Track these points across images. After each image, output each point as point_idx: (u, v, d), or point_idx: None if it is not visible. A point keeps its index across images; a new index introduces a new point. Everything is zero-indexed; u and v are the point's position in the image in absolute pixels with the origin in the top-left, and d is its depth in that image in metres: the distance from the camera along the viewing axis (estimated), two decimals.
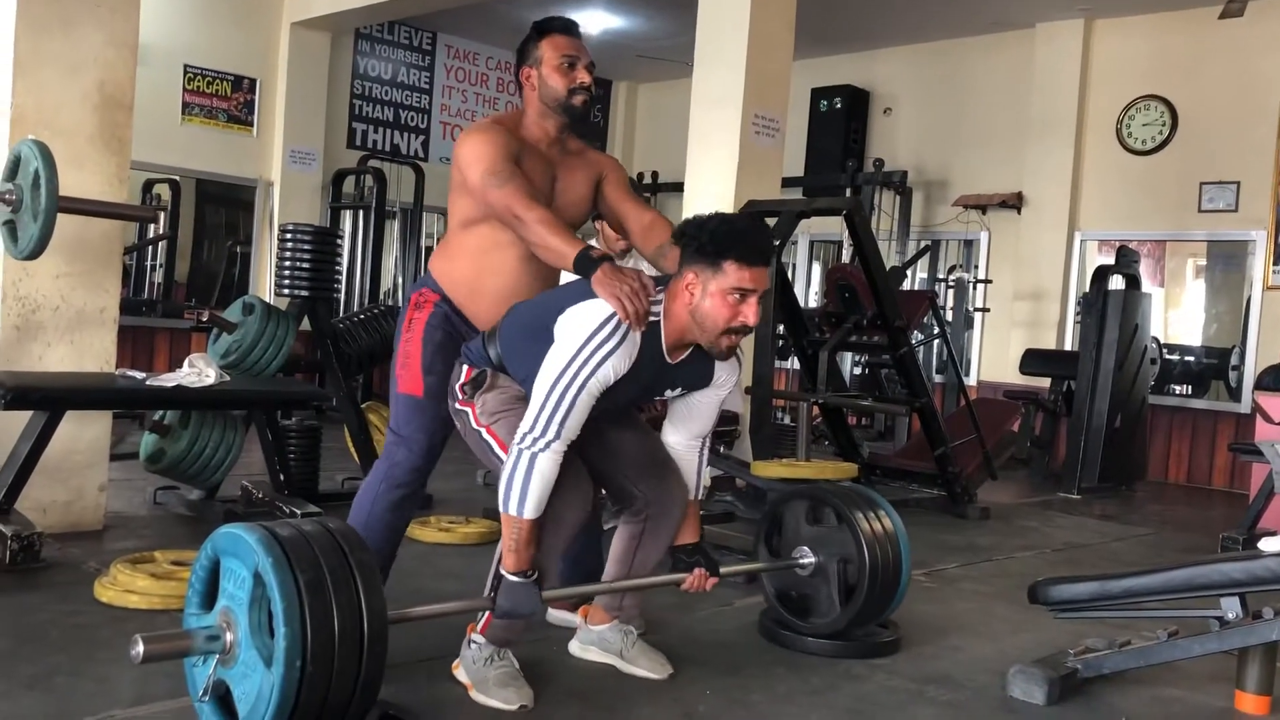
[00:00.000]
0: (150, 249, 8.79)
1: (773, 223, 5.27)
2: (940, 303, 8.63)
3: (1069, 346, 8.47)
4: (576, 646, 3.02)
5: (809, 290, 10.14)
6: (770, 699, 2.80)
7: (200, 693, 2.17)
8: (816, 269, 10.27)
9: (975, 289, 8.99)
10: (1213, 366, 8.30)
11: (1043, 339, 8.58)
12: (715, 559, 2.90)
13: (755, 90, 5.92)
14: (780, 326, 5.94)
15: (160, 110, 8.10)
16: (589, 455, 2.69)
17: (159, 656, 2.10)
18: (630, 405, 2.79)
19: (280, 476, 4.49)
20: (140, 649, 2.03)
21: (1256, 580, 2.76)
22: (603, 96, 11.56)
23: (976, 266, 9.18)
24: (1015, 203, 8.78)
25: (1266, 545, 2.84)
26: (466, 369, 2.74)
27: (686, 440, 2.83)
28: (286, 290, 5.09)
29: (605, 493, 2.96)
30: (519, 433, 2.48)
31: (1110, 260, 7.65)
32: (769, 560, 3.28)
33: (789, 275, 7.39)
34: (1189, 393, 8.34)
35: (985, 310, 8.94)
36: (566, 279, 2.76)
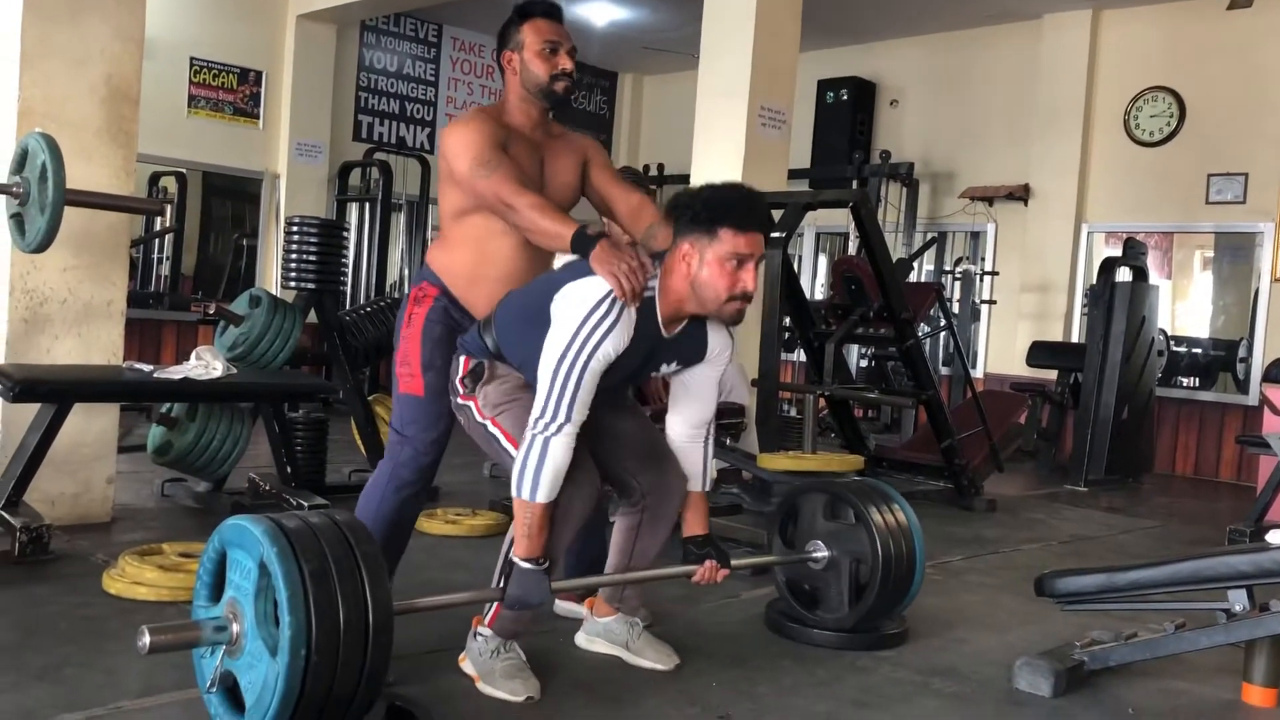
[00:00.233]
0: (157, 242, 8.81)
1: (779, 215, 5.26)
2: (947, 295, 8.61)
3: (1076, 339, 8.46)
4: (582, 638, 3.03)
5: (815, 282, 10.13)
6: (776, 690, 2.81)
7: (208, 684, 2.18)
8: (823, 261, 10.26)
9: (982, 281, 8.98)
10: (1220, 359, 8.27)
11: (1049, 331, 8.56)
12: (726, 551, 2.90)
13: (761, 82, 5.91)
14: (786, 319, 5.93)
15: (166, 103, 8.10)
16: (589, 447, 2.68)
17: (165, 647, 2.11)
18: (628, 382, 2.78)
19: (287, 469, 4.50)
20: (147, 640, 2.04)
21: (1264, 572, 2.76)
22: (608, 88, 11.56)
23: (983, 258, 9.17)
24: (1022, 194, 8.76)
25: (1274, 537, 2.84)
26: (464, 360, 2.73)
27: (690, 429, 2.82)
28: (293, 283, 5.10)
29: (605, 483, 2.96)
30: (532, 418, 2.48)
31: (1117, 252, 7.63)
32: (781, 548, 3.28)
33: (795, 267, 7.38)
34: (1196, 385, 8.32)
35: (992, 302, 8.94)
36: (560, 262, 2.75)
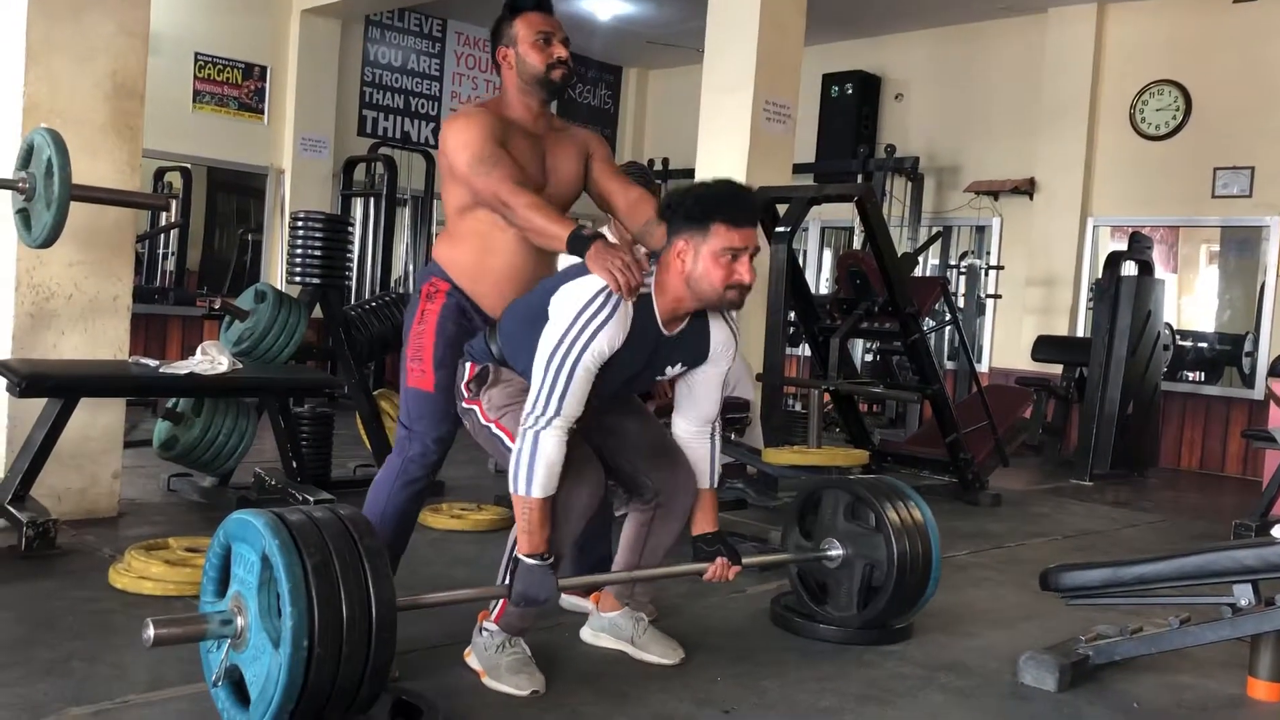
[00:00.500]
0: (162, 237, 8.82)
1: (784, 209, 5.26)
2: (952, 289, 8.61)
3: (1081, 333, 8.44)
4: (588, 633, 3.04)
5: (820, 277, 10.12)
6: (781, 685, 2.81)
7: (214, 678, 2.19)
8: (828, 255, 10.25)
9: (987, 275, 8.97)
10: (1226, 353, 8.26)
11: (1055, 325, 8.55)
12: (736, 548, 2.90)
13: (766, 76, 5.91)
14: (792, 313, 5.93)
15: (171, 98, 8.11)
16: (597, 445, 2.69)
17: (170, 640, 2.12)
18: (633, 385, 2.78)
19: (293, 463, 4.51)
20: (151, 633, 2.05)
21: (1270, 567, 2.75)
22: (613, 83, 11.55)
23: (988, 253, 9.15)
24: (1027, 188, 8.74)
25: (1279, 532, 2.83)
26: (470, 366, 2.74)
27: (696, 427, 2.83)
28: (298, 278, 5.10)
29: (615, 481, 2.96)
30: (524, 413, 2.50)
31: (1123, 246, 7.61)
32: (798, 538, 3.27)
33: (800, 262, 7.38)
34: (1202, 379, 8.30)
35: (997, 297, 8.92)
36: (565, 262, 2.76)
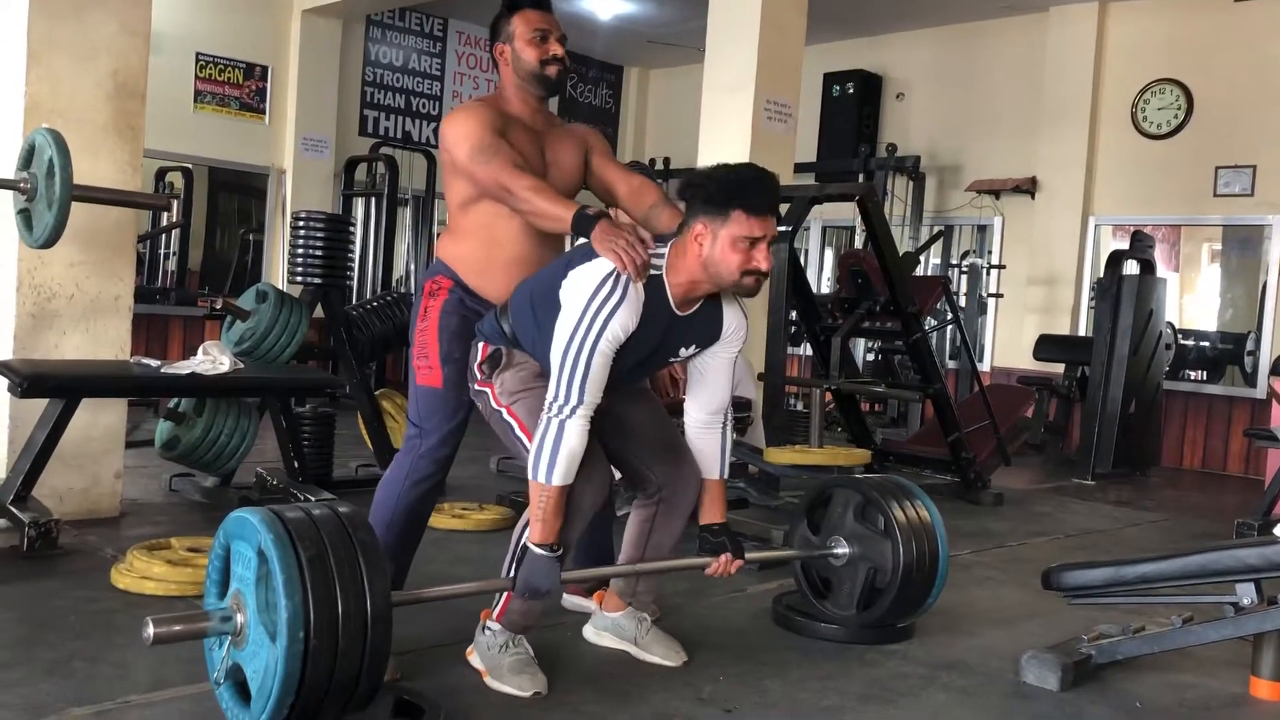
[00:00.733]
0: (164, 237, 8.83)
1: (785, 209, 5.26)
2: (953, 288, 8.61)
3: (1083, 332, 8.44)
4: (591, 632, 3.04)
5: (822, 276, 10.12)
6: (783, 684, 2.81)
7: (215, 676, 2.19)
8: (829, 255, 10.24)
9: (989, 274, 8.96)
10: (1228, 352, 8.25)
11: (1057, 324, 8.55)
12: (740, 542, 2.90)
13: (767, 75, 5.90)
14: (793, 312, 5.93)
15: (173, 98, 8.12)
16: (604, 435, 2.69)
17: (170, 639, 2.12)
18: (647, 367, 2.78)
19: (294, 463, 4.51)
20: (151, 631, 2.06)
21: (1272, 566, 2.75)
22: (614, 82, 11.55)
23: (990, 252, 9.15)
24: (1029, 187, 8.74)
25: None
26: (483, 346, 2.74)
27: (707, 415, 2.82)
28: (300, 277, 5.10)
29: (620, 475, 2.97)
30: (546, 401, 2.50)
31: (1125, 245, 7.61)
32: (805, 533, 3.27)
33: (801, 261, 7.38)
34: (1204, 378, 8.30)
35: (999, 296, 8.92)
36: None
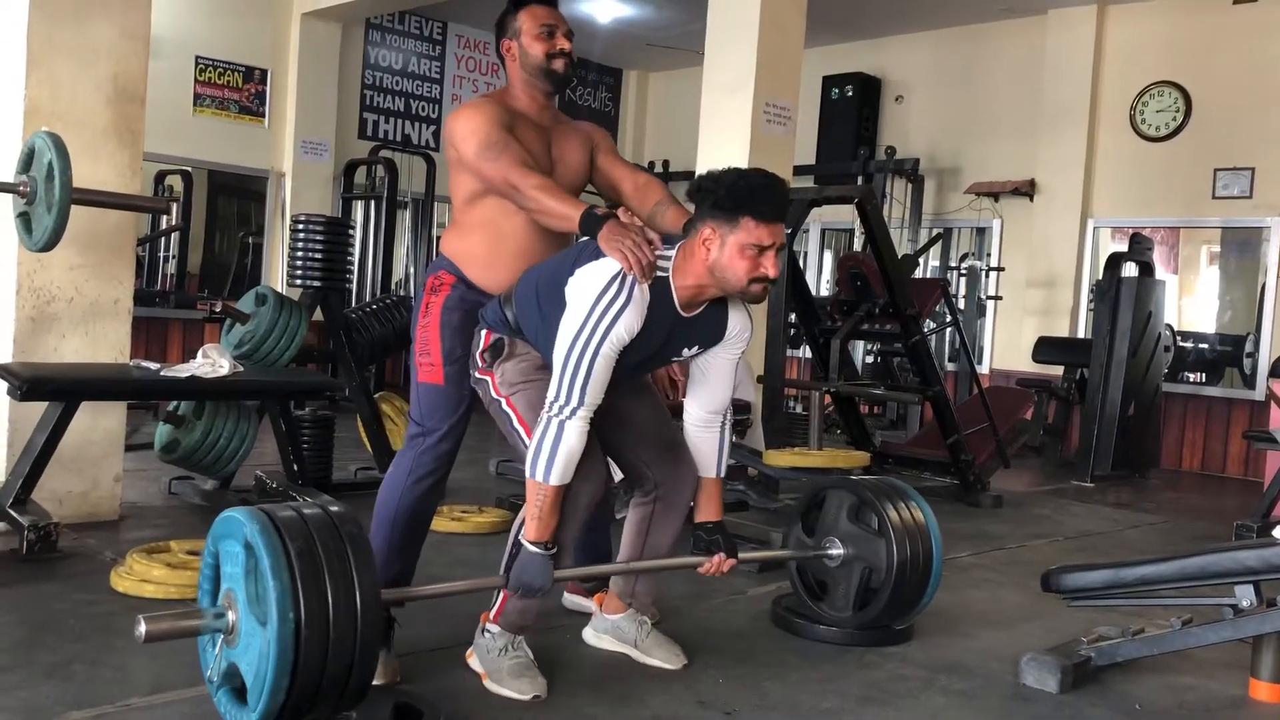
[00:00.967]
0: (163, 240, 8.83)
1: None
2: (952, 291, 8.61)
3: (1082, 334, 8.44)
4: (591, 634, 3.04)
5: (821, 279, 10.12)
6: (783, 687, 2.81)
7: (208, 674, 2.20)
8: (828, 257, 10.25)
9: (988, 277, 8.97)
10: (1227, 354, 8.25)
11: (1056, 327, 8.55)
12: (734, 541, 2.90)
13: (766, 78, 5.90)
14: (793, 315, 5.93)
15: (172, 101, 8.12)
16: (603, 430, 2.69)
17: (161, 636, 2.13)
18: (649, 366, 2.79)
19: (294, 466, 4.50)
20: (143, 629, 2.07)
21: (1271, 568, 2.75)
22: (613, 85, 11.55)
23: (989, 254, 9.15)
24: (1028, 190, 8.74)
25: None
26: (485, 333, 2.74)
27: (707, 414, 2.82)
28: (299, 281, 5.10)
29: (619, 472, 2.97)
30: (547, 401, 2.50)
31: (1124, 247, 7.61)
32: (800, 534, 3.27)
33: (801, 264, 7.38)
34: (1203, 380, 8.30)
35: (998, 298, 8.92)
36: None
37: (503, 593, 2.67)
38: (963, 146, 9.25)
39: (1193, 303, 8.76)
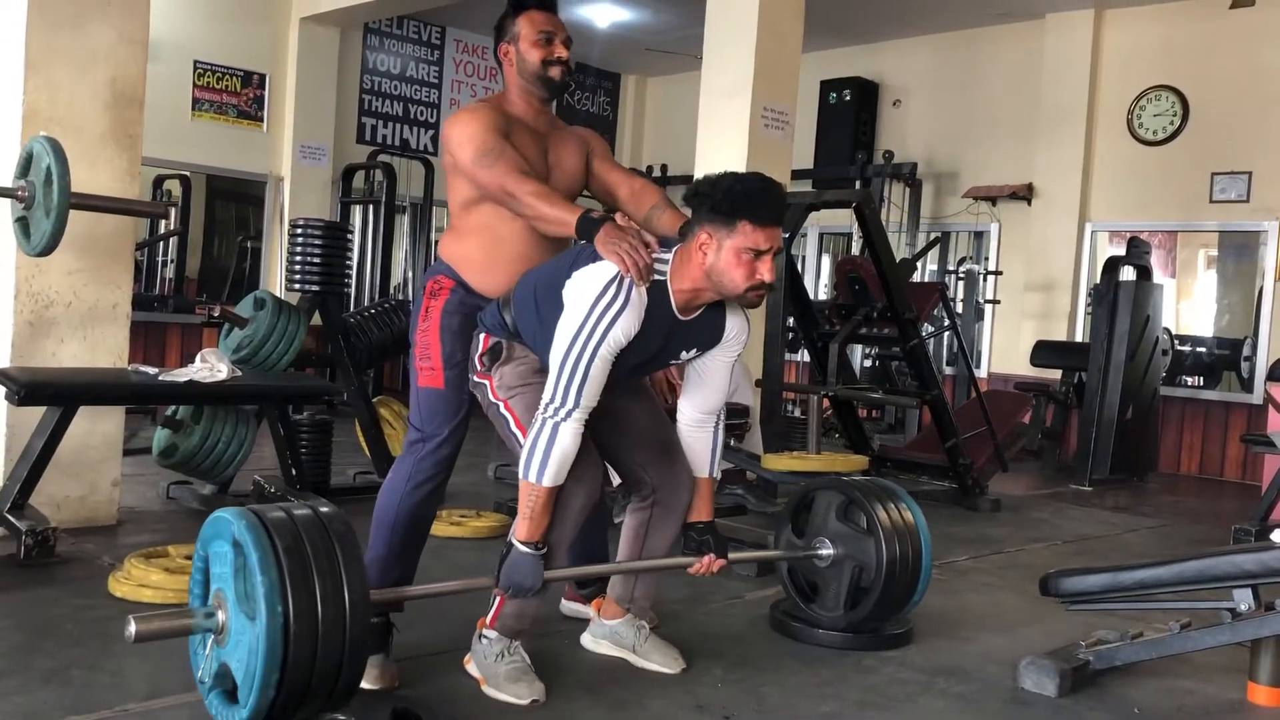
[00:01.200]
0: (161, 245, 8.82)
1: None
2: (950, 295, 8.61)
3: (1080, 338, 8.45)
4: (589, 640, 3.04)
5: (819, 282, 10.13)
6: (781, 691, 2.81)
7: (200, 675, 2.21)
8: (826, 261, 10.26)
9: (985, 281, 8.98)
10: (1224, 357, 8.26)
11: (1053, 330, 8.56)
12: (725, 541, 2.91)
13: (764, 83, 5.91)
14: (790, 319, 5.93)
15: (170, 106, 8.12)
16: (600, 433, 2.69)
17: (151, 636, 2.13)
18: (646, 369, 2.79)
19: (292, 471, 4.51)
20: (133, 629, 2.07)
21: (1269, 571, 2.75)
22: (611, 90, 11.57)
23: (987, 258, 9.16)
24: (1025, 194, 8.75)
25: (1279, 536, 2.84)
26: (484, 337, 2.75)
27: (700, 415, 2.83)
28: (297, 285, 5.10)
29: (615, 476, 2.97)
30: (542, 402, 2.51)
31: (1121, 251, 7.62)
32: (790, 537, 3.28)
33: (799, 268, 7.39)
34: (1201, 384, 8.31)
35: (996, 302, 8.93)
36: None
37: (499, 597, 2.67)
38: (960, 150, 9.26)
39: (1190, 306, 8.77)
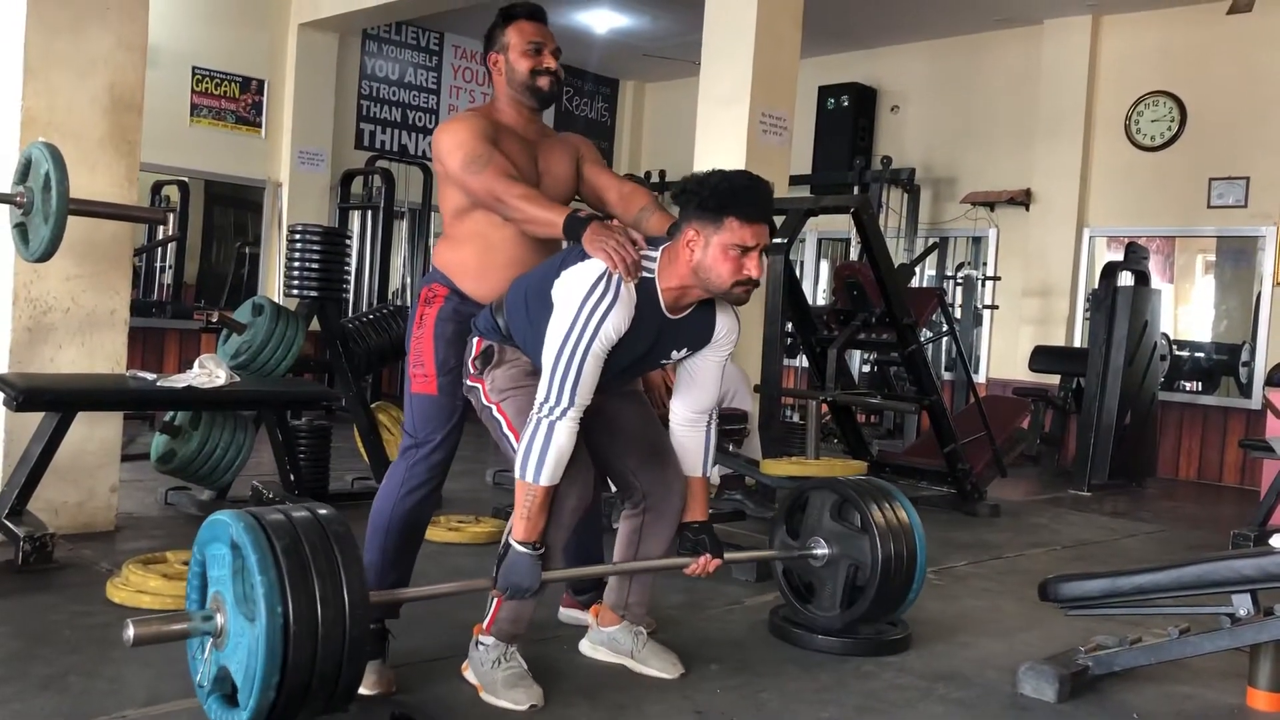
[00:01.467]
0: (160, 250, 8.81)
1: (781, 221, 5.27)
2: (949, 300, 8.62)
3: (1078, 343, 8.45)
4: (587, 646, 3.03)
5: (817, 288, 10.13)
6: (780, 697, 2.81)
7: (199, 679, 2.20)
8: (825, 267, 10.27)
9: (984, 286, 8.98)
10: (1223, 362, 8.27)
11: (1052, 336, 8.57)
12: (720, 541, 2.90)
13: (762, 88, 5.92)
14: (789, 324, 5.93)
15: (169, 112, 8.11)
16: (591, 435, 2.68)
17: (150, 639, 2.13)
18: (638, 369, 2.80)
19: (290, 477, 4.50)
20: (131, 632, 2.06)
21: (1268, 576, 2.76)
22: (609, 95, 11.58)
23: (985, 263, 9.17)
24: (1023, 199, 8.76)
25: (1278, 542, 2.84)
26: (477, 341, 2.76)
27: (693, 414, 2.83)
28: (295, 291, 5.10)
29: (608, 479, 2.97)
30: (537, 401, 2.51)
31: (1119, 256, 7.63)
32: (784, 538, 3.28)
33: (797, 273, 7.39)
34: (1199, 389, 8.32)
35: (994, 307, 8.94)
36: None
37: (494, 603, 2.67)
38: (958, 156, 9.27)
39: (1188, 312, 8.78)
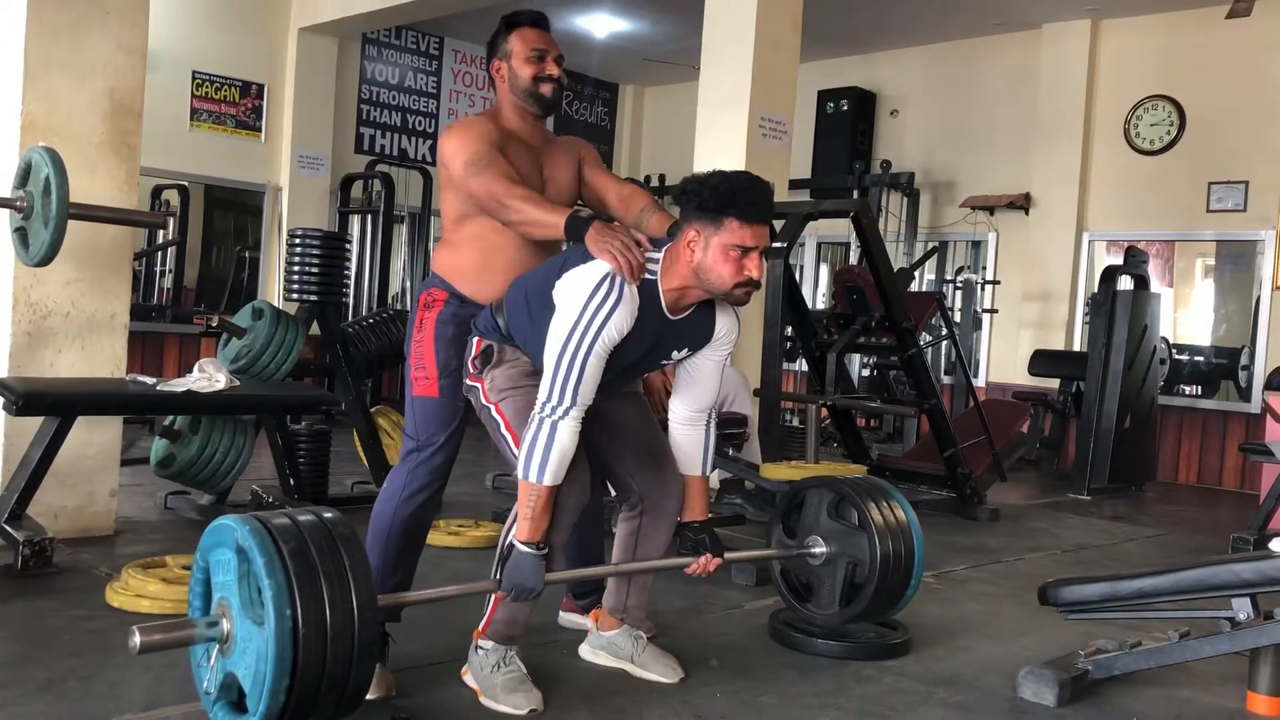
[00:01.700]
0: (160, 254, 8.82)
1: (780, 225, 5.28)
2: (948, 304, 8.62)
3: (1078, 347, 8.45)
4: (587, 650, 3.03)
5: (817, 292, 10.14)
6: (780, 701, 2.80)
7: (205, 686, 2.19)
8: (824, 271, 10.27)
9: (983, 290, 8.99)
10: (1222, 366, 8.28)
11: (1051, 340, 8.57)
12: (720, 540, 2.90)
13: (762, 92, 5.93)
14: (788, 328, 5.94)
15: (169, 116, 8.12)
16: (589, 436, 2.68)
17: (156, 647, 2.11)
18: (638, 369, 2.80)
19: (290, 481, 4.50)
20: (137, 640, 2.05)
21: (1268, 580, 2.75)
22: (609, 100, 11.59)
23: (984, 267, 9.18)
24: (1023, 203, 8.77)
25: (1277, 546, 2.84)
26: (477, 341, 2.76)
27: (691, 413, 2.83)
28: (295, 295, 5.11)
29: (607, 482, 2.97)
30: (539, 401, 2.51)
31: (1119, 260, 7.64)
32: (782, 537, 3.28)
33: (797, 277, 7.39)
34: (1199, 393, 8.32)
35: (993, 311, 8.94)
36: None
37: (490, 605, 2.67)
38: (958, 160, 9.28)
39: (1188, 316, 8.78)
